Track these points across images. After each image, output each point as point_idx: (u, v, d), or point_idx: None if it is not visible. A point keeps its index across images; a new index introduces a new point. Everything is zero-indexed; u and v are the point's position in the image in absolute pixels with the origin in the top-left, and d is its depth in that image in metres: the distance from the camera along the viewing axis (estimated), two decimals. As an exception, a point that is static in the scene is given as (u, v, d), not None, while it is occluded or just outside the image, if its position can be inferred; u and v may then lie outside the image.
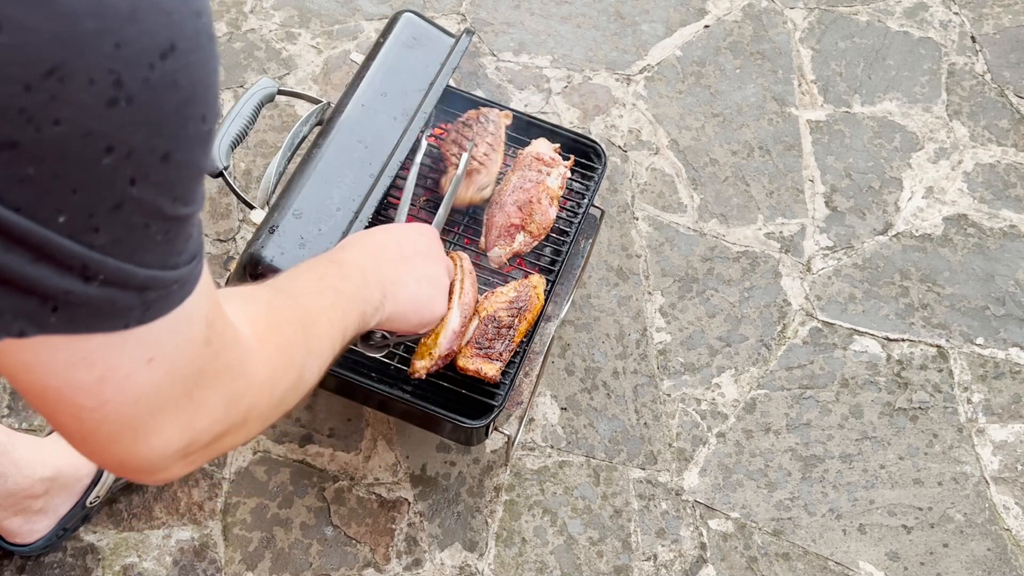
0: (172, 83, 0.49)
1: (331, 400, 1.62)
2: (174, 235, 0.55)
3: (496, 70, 1.99)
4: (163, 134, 0.50)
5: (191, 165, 0.53)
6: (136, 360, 0.58)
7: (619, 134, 1.93)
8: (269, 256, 1.21)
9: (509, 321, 1.35)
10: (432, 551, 1.52)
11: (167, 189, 0.52)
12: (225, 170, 1.32)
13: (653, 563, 1.53)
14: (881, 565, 1.54)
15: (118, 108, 0.46)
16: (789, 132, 1.94)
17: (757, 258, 1.80)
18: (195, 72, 0.50)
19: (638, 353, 1.70)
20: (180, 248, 0.56)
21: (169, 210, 0.53)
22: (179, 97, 0.50)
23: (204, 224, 1.76)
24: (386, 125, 1.33)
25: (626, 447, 1.62)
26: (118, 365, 0.57)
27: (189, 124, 0.51)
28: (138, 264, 0.53)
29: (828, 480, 1.61)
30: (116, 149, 0.47)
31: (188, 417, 0.64)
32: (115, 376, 0.57)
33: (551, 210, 1.46)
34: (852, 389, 1.68)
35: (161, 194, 0.52)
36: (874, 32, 2.07)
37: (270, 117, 1.89)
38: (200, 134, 0.53)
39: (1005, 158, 1.93)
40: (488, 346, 1.34)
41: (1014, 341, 1.73)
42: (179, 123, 0.50)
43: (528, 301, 1.37)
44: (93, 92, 0.45)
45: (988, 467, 1.63)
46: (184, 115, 0.51)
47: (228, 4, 2.03)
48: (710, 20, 2.08)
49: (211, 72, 0.52)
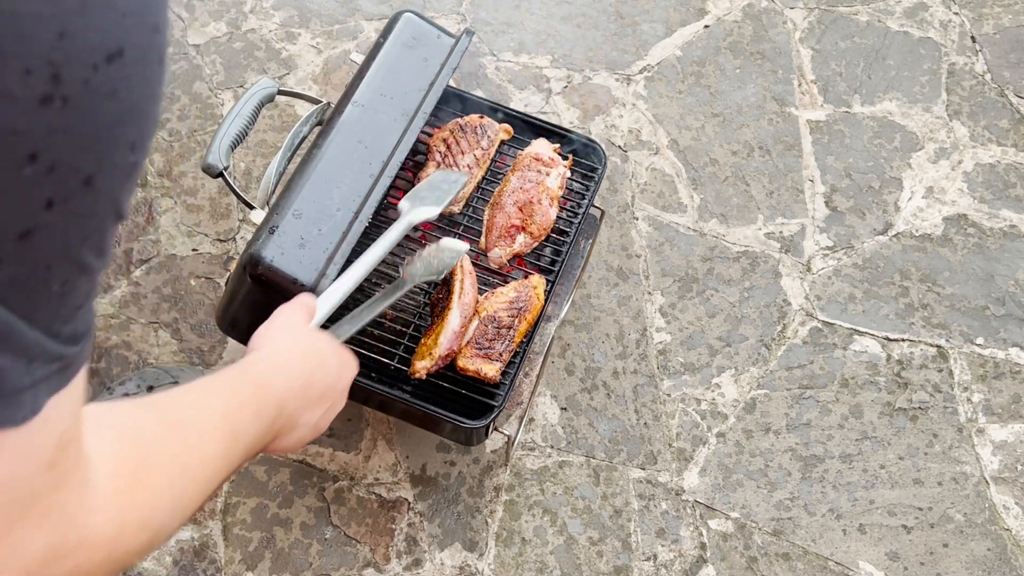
0: (112, 92, 0.44)
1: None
2: (70, 289, 0.47)
3: (496, 70, 1.99)
4: (91, 151, 0.44)
5: (111, 200, 0.47)
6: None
7: (619, 134, 1.93)
8: (269, 256, 1.21)
9: (509, 321, 1.35)
10: (432, 551, 1.52)
11: (81, 224, 0.46)
12: (225, 170, 1.32)
13: (653, 563, 1.53)
14: (881, 565, 1.54)
15: (51, 108, 0.41)
16: (789, 132, 1.94)
17: (757, 258, 1.80)
18: (138, 88, 0.45)
19: (638, 353, 1.70)
20: (68, 314, 0.48)
21: (75, 253, 0.46)
22: (116, 110, 0.45)
23: (205, 224, 1.76)
24: (386, 125, 1.33)
25: (626, 447, 1.62)
26: None
27: (118, 148, 0.46)
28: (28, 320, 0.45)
29: (828, 480, 1.61)
30: (40, 158, 0.42)
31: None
32: None
33: (551, 210, 1.46)
34: (852, 389, 1.68)
35: (74, 228, 0.45)
36: (874, 32, 2.07)
37: (270, 117, 1.89)
38: (126, 164, 0.47)
39: (1005, 158, 1.93)
40: (488, 346, 1.34)
41: (1014, 341, 1.73)
42: (109, 143, 0.45)
43: (528, 301, 1.37)
44: (28, 84, 0.40)
45: (988, 467, 1.63)
46: (116, 135, 0.45)
47: (228, 4, 2.03)
48: (710, 20, 2.08)
49: (153, 96, 0.47)
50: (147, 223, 1.78)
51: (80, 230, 0.46)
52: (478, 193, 1.52)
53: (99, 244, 0.48)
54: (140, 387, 1.51)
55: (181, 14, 2.01)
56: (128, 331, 1.67)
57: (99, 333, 1.67)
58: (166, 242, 1.76)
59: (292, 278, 1.20)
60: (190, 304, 1.70)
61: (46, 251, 0.44)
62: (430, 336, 1.31)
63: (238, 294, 1.26)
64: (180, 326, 1.68)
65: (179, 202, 1.80)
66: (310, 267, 1.21)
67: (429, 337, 1.31)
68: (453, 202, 1.48)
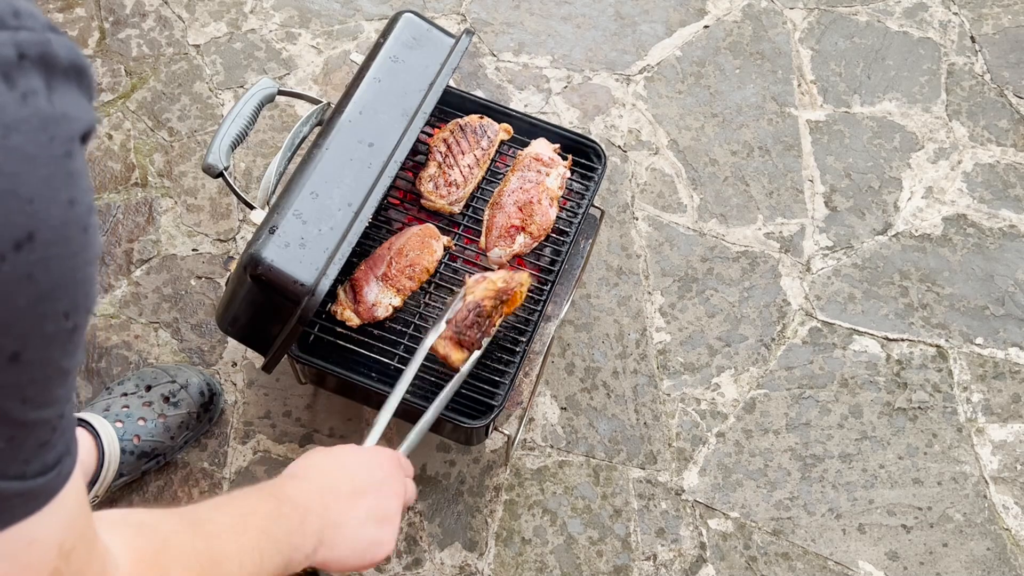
0: (27, 276, 0.44)
1: (331, 400, 1.62)
2: (21, 441, 0.48)
3: (496, 70, 1.99)
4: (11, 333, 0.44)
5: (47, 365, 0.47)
6: None
7: (619, 134, 1.93)
8: (269, 256, 1.21)
9: (490, 311, 1.34)
10: (432, 551, 1.52)
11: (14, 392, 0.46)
12: (225, 170, 1.32)
13: (653, 563, 1.53)
14: (881, 565, 1.55)
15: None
16: (789, 132, 1.95)
17: (757, 258, 1.80)
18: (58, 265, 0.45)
19: (638, 353, 1.70)
20: (27, 456, 0.49)
21: (16, 413, 0.47)
22: (34, 292, 0.44)
23: (205, 224, 1.76)
24: (386, 125, 1.33)
25: (626, 447, 1.62)
26: None
27: (46, 322, 0.46)
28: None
29: (828, 480, 1.61)
30: None
31: None
32: None
33: (551, 211, 1.46)
34: (852, 389, 1.68)
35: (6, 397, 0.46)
36: (874, 32, 2.07)
37: (270, 117, 1.89)
38: (60, 332, 0.47)
39: (1004, 158, 1.93)
40: (464, 332, 1.32)
41: (1014, 341, 1.74)
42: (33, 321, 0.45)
43: (512, 294, 1.36)
44: None
45: (987, 467, 1.63)
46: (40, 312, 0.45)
47: (228, 4, 2.03)
48: (710, 20, 2.08)
49: (81, 265, 0.47)
50: (147, 223, 1.78)
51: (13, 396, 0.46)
52: (478, 193, 1.52)
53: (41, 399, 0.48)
54: (139, 387, 1.51)
55: (181, 14, 2.01)
56: (128, 331, 1.67)
57: (99, 333, 1.67)
58: (166, 242, 1.76)
59: (292, 278, 1.20)
60: (190, 304, 1.70)
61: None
62: None
63: (238, 294, 1.26)
64: (180, 326, 1.68)
65: (179, 202, 1.80)
66: (311, 267, 1.21)
67: None
68: (453, 202, 1.48)
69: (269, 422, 1.61)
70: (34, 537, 0.51)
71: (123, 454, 1.43)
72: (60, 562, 0.53)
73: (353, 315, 1.38)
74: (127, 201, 1.80)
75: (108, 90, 1.91)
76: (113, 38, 1.98)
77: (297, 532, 0.86)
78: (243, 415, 1.61)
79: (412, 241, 1.42)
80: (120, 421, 1.45)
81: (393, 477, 1.00)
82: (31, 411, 0.48)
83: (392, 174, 1.29)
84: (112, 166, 1.83)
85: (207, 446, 1.58)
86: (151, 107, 1.90)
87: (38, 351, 0.46)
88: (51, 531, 0.52)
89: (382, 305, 1.38)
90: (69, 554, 0.54)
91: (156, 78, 1.93)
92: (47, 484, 0.50)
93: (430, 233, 1.44)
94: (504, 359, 1.39)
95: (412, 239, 1.43)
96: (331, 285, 1.20)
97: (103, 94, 1.91)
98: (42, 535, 0.51)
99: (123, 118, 1.88)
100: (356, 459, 1.00)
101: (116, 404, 1.47)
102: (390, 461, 1.02)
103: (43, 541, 0.52)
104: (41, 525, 0.51)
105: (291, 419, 1.61)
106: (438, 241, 1.44)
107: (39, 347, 0.46)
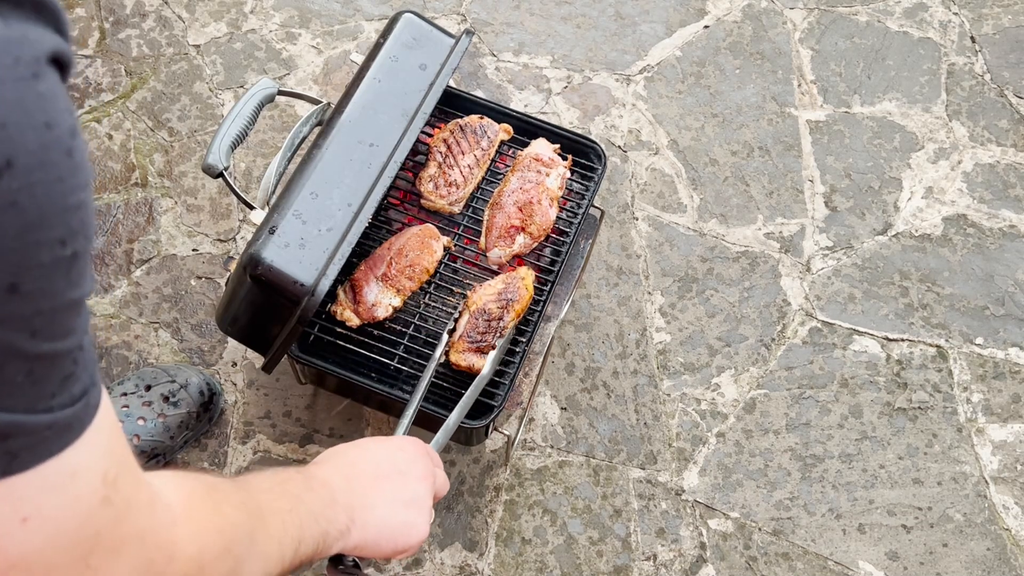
0: (11, 204, 0.43)
1: (331, 400, 1.62)
2: (41, 375, 0.48)
3: (496, 70, 1.99)
4: (5, 263, 0.44)
5: (52, 296, 0.47)
6: (7, 519, 0.49)
7: (619, 134, 1.93)
8: (269, 256, 1.21)
9: (499, 313, 1.35)
10: (432, 551, 1.52)
11: (20, 324, 0.46)
12: (225, 170, 1.32)
13: (653, 563, 1.53)
14: (881, 565, 1.55)
15: None
16: (789, 132, 1.95)
17: (757, 258, 1.80)
18: (44, 191, 0.44)
19: (638, 353, 1.70)
20: (52, 390, 0.49)
21: (28, 347, 0.46)
22: (22, 220, 0.44)
23: (205, 224, 1.76)
24: (386, 125, 1.33)
25: (626, 447, 1.62)
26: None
27: (41, 251, 0.45)
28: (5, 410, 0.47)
29: (828, 480, 1.61)
30: None
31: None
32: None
33: (551, 211, 1.46)
34: (852, 389, 1.68)
35: (13, 330, 0.46)
36: (874, 32, 2.07)
37: (270, 117, 1.89)
38: (59, 261, 0.46)
39: (1004, 158, 1.93)
40: (479, 339, 1.33)
41: (1013, 341, 1.74)
42: (26, 250, 0.44)
43: (517, 292, 1.37)
44: None
45: (987, 467, 1.63)
46: (32, 240, 0.44)
47: (228, 4, 2.03)
48: (710, 20, 2.08)
49: (70, 190, 0.46)
50: (147, 223, 1.78)
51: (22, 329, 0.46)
52: (478, 193, 1.52)
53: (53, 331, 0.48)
54: (139, 386, 1.51)
55: (181, 14, 2.01)
56: (128, 331, 1.67)
57: (99, 333, 1.67)
58: (166, 242, 1.76)
59: (292, 278, 1.20)
60: (190, 304, 1.70)
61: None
62: None
63: (238, 294, 1.26)
64: (180, 326, 1.68)
65: (179, 202, 1.80)
66: (310, 267, 1.21)
67: None
68: (453, 203, 1.48)
69: (269, 422, 1.61)
70: (76, 468, 0.51)
71: (123, 454, 1.43)
72: (108, 490, 0.54)
73: (353, 315, 1.38)
74: (127, 201, 1.80)
75: (108, 90, 1.91)
76: (113, 38, 1.98)
77: (329, 505, 0.86)
78: (243, 415, 1.61)
79: (412, 241, 1.43)
80: (120, 421, 1.45)
81: (417, 461, 1.00)
82: (44, 343, 0.47)
83: (392, 174, 1.29)
84: (112, 166, 1.83)
85: (207, 446, 1.58)
86: (151, 107, 1.90)
87: (38, 281, 0.45)
88: (92, 460, 0.52)
89: (382, 305, 1.38)
90: (115, 481, 0.54)
91: (156, 78, 1.93)
92: (76, 415, 0.51)
93: (430, 233, 1.44)
94: (504, 359, 1.39)
95: (412, 239, 1.43)
96: (331, 285, 1.20)
97: (103, 94, 1.91)
98: (84, 465, 0.52)
99: (123, 118, 1.88)
100: (379, 446, 1.00)
101: (116, 404, 1.47)
102: (414, 446, 1.02)
103: (86, 471, 0.52)
104: (80, 455, 0.51)
105: (291, 419, 1.61)
106: (438, 241, 1.44)
107: (38, 277, 0.45)
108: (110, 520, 0.54)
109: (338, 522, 0.86)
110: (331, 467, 0.93)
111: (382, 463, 0.96)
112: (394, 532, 0.93)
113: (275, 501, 0.78)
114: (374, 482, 0.94)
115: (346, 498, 0.89)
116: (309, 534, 0.80)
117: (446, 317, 1.42)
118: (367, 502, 0.91)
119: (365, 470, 0.94)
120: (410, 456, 1.00)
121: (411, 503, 0.95)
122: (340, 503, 0.88)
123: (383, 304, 1.38)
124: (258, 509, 0.74)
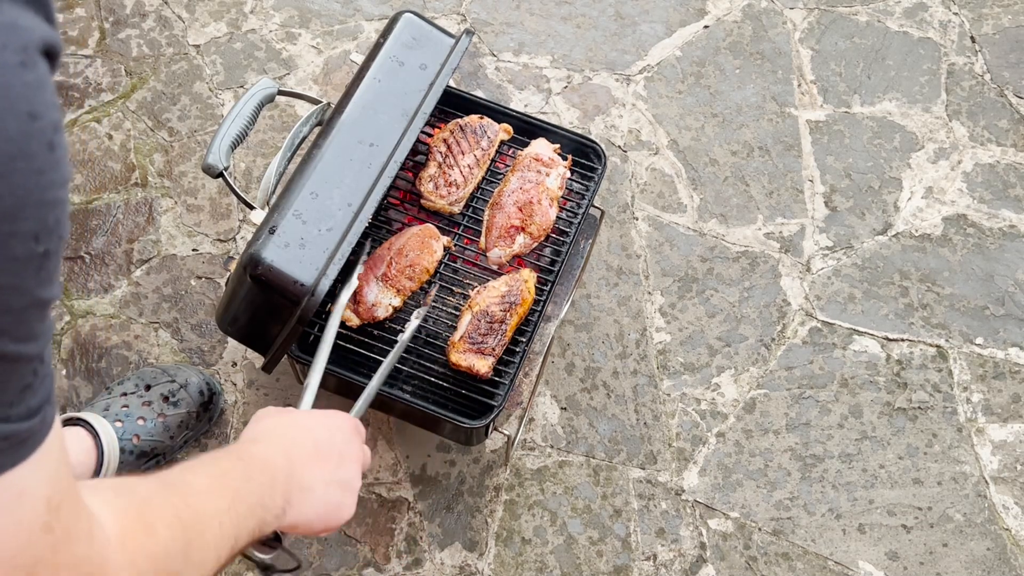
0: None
1: (331, 400, 1.62)
2: (2, 380, 0.47)
3: (496, 70, 1.99)
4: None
5: (21, 293, 0.45)
6: None
7: (619, 134, 1.93)
8: (269, 256, 1.21)
9: (501, 316, 1.35)
10: (432, 551, 1.53)
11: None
12: (225, 170, 1.32)
13: (653, 563, 1.53)
14: (881, 565, 1.55)
15: None
16: (789, 132, 1.95)
17: (757, 258, 1.80)
18: (21, 182, 0.43)
19: (638, 353, 1.70)
20: (10, 398, 0.47)
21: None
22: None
23: (205, 224, 1.76)
24: (386, 125, 1.33)
25: (626, 447, 1.62)
26: None
27: (13, 244, 0.43)
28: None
29: (828, 480, 1.61)
30: None
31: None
32: None
33: (551, 211, 1.47)
34: (852, 389, 1.68)
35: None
36: (874, 32, 2.07)
37: (270, 117, 1.89)
38: (31, 257, 0.44)
39: (1004, 158, 1.93)
40: (481, 341, 1.34)
41: (1013, 341, 1.74)
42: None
43: (519, 295, 1.37)
44: None
45: (987, 467, 1.63)
46: (5, 231, 0.43)
47: (228, 4, 2.03)
48: (710, 20, 2.08)
49: (48, 185, 0.45)
50: (147, 223, 1.78)
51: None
52: (478, 193, 1.52)
53: (18, 332, 0.46)
54: (138, 386, 1.51)
55: (181, 14, 2.01)
56: (128, 331, 1.67)
57: (99, 333, 1.67)
58: (166, 242, 1.76)
59: (292, 278, 1.20)
60: (190, 304, 1.70)
61: None
62: None
63: (238, 294, 1.26)
64: (180, 326, 1.68)
65: (179, 202, 1.80)
66: (310, 267, 1.21)
67: None
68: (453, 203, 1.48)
69: (269, 422, 1.61)
70: (23, 488, 0.50)
71: (122, 454, 1.43)
72: (50, 516, 0.52)
73: (353, 315, 1.38)
74: (127, 201, 1.80)
75: (108, 90, 1.91)
76: (113, 38, 1.98)
77: (268, 494, 0.86)
78: (243, 415, 1.61)
79: (412, 241, 1.43)
80: (120, 421, 1.45)
81: (352, 442, 1.01)
82: (9, 344, 0.46)
83: (392, 174, 1.29)
84: (112, 166, 1.83)
85: (207, 446, 1.58)
86: (151, 107, 1.90)
87: (8, 276, 0.44)
88: (38, 483, 0.51)
89: (382, 305, 1.38)
90: (58, 509, 0.53)
91: (156, 78, 1.93)
92: (31, 430, 0.49)
93: (430, 233, 1.44)
94: (504, 359, 1.39)
95: (412, 239, 1.43)
96: (331, 285, 1.20)
97: (103, 94, 1.91)
98: (30, 487, 0.50)
99: (123, 118, 1.88)
100: (314, 421, 1.00)
101: (116, 404, 1.47)
102: (348, 424, 1.03)
103: (31, 494, 0.51)
104: (28, 476, 0.50)
105: (291, 419, 1.61)
106: (438, 241, 1.44)
107: (9, 271, 0.44)
108: (48, 548, 0.53)
109: (274, 507, 0.87)
110: (272, 446, 0.93)
111: (322, 443, 0.97)
112: (327, 513, 0.94)
113: (212, 502, 0.77)
114: (314, 463, 0.94)
115: (286, 481, 0.89)
116: (246, 527, 0.80)
117: (447, 317, 1.42)
118: (305, 483, 0.92)
119: (306, 450, 0.95)
120: (347, 435, 1.01)
121: (346, 484, 0.97)
122: (279, 487, 0.88)
123: (383, 304, 1.38)
124: (194, 517, 0.73)
